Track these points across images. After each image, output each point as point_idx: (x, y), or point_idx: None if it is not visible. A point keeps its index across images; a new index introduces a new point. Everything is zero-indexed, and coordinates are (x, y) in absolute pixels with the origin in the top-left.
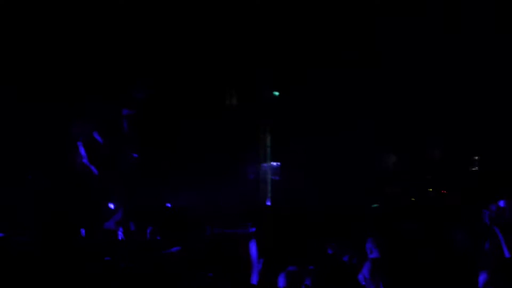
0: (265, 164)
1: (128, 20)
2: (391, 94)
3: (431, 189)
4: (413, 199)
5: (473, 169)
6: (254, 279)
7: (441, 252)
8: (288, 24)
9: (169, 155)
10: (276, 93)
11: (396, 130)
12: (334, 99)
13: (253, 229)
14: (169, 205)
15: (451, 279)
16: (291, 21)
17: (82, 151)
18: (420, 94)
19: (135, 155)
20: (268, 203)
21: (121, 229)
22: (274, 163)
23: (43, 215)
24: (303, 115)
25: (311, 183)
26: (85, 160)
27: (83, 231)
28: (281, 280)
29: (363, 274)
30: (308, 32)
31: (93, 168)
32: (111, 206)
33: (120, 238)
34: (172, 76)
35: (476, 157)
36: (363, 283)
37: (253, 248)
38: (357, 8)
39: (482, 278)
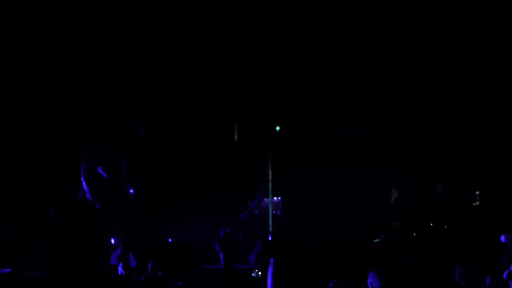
0: (266, 199)
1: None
2: (393, 129)
3: (432, 224)
4: (415, 233)
5: (475, 203)
6: None
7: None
8: (290, 54)
9: (170, 191)
10: (278, 128)
11: (398, 164)
12: (335, 134)
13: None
14: (170, 240)
15: None
16: (291, 50)
17: (85, 186)
18: (421, 129)
19: (132, 190)
20: (270, 238)
21: (121, 264)
22: (275, 198)
23: (57, 250)
24: (304, 150)
25: (312, 217)
26: (88, 196)
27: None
28: None
29: None
30: (311, 62)
31: (95, 203)
32: (112, 241)
33: (120, 273)
34: (172, 111)
35: (478, 192)
36: None
37: (269, 282)
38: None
39: None
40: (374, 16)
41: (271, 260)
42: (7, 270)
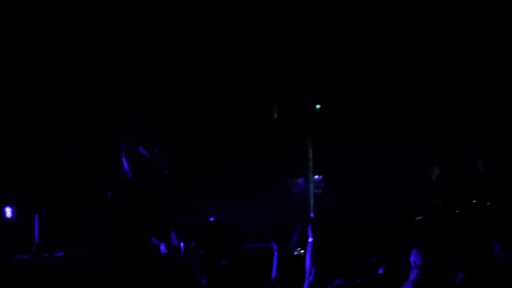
0: (307, 178)
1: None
2: (433, 106)
3: (475, 201)
4: (458, 211)
5: None
6: None
7: (485, 266)
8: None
9: (213, 169)
10: (318, 106)
11: (440, 141)
12: (377, 111)
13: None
14: (212, 219)
15: None
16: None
17: (126, 166)
18: (464, 105)
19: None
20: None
21: (163, 244)
22: (317, 176)
23: (111, 232)
24: (345, 128)
25: (353, 195)
26: (129, 176)
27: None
28: None
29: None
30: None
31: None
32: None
33: (162, 253)
34: (213, 90)
35: None
36: None
37: (307, 260)
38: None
39: None
40: None
41: (310, 239)
42: (61, 253)
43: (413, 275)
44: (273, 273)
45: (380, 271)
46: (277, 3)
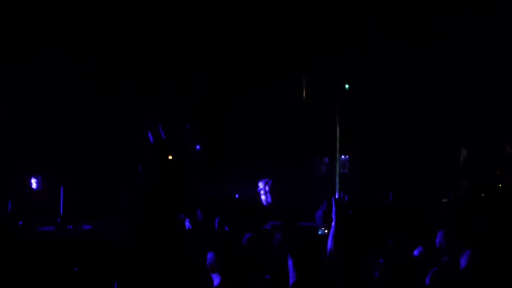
0: (334, 157)
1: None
2: (460, 89)
3: (501, 184)
4: (483, 194)
5: None
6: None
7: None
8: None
9: (238, 147)
10: (347, 86)
11: (467, 124)
12: (403, 93)
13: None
14: (237, 196)
15: None
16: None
17: (151, 140)
18: (490, 90)
19: (198, 147)
20: (337, 197)
21: (188, 219)
22: (343, 156)
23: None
24: (373, 109)
25: (380, 176)
26: (157, 149)
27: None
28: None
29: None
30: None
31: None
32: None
33: (187, 227)
34: (242, 69)
35: None
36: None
37: (329, 242)
38: None
39: None
40: None
41: (333, 222)
42: (89, 226)
43: (439, 257)
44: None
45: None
46: None
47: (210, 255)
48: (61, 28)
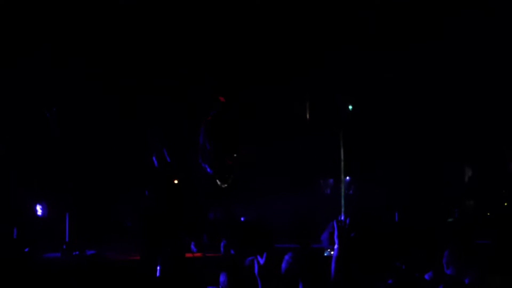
0: (339, 178)
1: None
2: (467, 106)
3: (506, 203)
4: (489, 213)
5: None
6: None
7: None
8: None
9: (246, 169)
10: (350, 107)
11: (472, 143)
12: (408, 112)
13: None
14: (243, 219)
15: None
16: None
17: (156, 164)
18: (494, 109)
19: (209, 170)
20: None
21: (193, 243)
22: (348, 178)
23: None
24: (377, 129)
25: (384, 197)
26: (162, 173)
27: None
28: None
29: None
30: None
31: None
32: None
33: (193, 251)
34: (245, 88)
35: None
36: None
37: (332, 265)
38: None
39: None
40: None
41: (336, 245)
42: (92, 252)
43: (445, 278)
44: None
45: (413, 273)
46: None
47: (222, 278)
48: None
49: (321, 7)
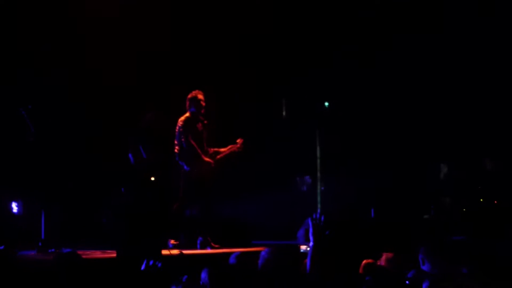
0: (315, 175)
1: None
2: (444, 103)
3: (482, 199)
4: (464, 209)
5: None
6: None
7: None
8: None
9: (219, 168)
10: (327, 104)
11: (448, 140)
12: (385, 108)
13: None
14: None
15: None
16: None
17: (132, 161)
18: (469, 105)
19: (186, 167)
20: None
21: (169, 240)
22: (322, 174)
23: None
24: (354, 125)
25: (360, 193)
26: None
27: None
28: None
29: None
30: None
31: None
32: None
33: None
34: (225, 86)
35: None
36: None
37: (307, 263)
38: None
39: None
40: None
41: (311, 243)
42: (68, 250)
43: (421, 273)
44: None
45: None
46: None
47: (203, 274)
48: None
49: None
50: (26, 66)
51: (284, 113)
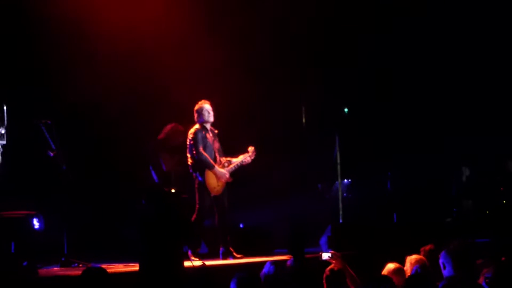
0: (336, 182)
1: None
2: (464, 108)
3: (505, 201)
4: (487, 211)
5: None
6: None
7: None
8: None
9: (243, 175)
10: (346, 110)
11: (470, 143)
12: (405, 114)
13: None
14: (242, 225)
15: None
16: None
17: (153, 174)
18: (491, 108)
19: (200, 179)
20: (340, 221)
21: (190, 250)
22: (346, 180)
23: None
24: (373, 131)
25: (382, 198)
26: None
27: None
28: None
29: None
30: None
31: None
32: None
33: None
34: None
35: None
36: None
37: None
38: None
39: None
40: None
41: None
42: (91, 264)
43: (442, 277)
44: None
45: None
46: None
47: (232, 285)
48: None
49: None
50: (49, 81)
51: (303, 120)
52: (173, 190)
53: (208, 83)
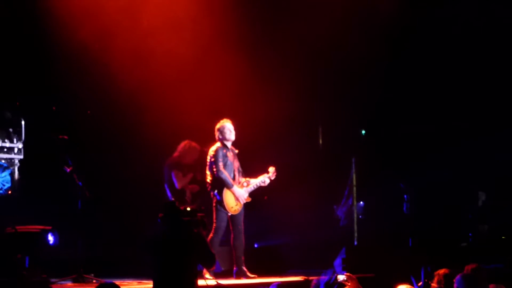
0: (351, 204)
1: None
2: (475, 128)
3: None
4: (504, 237)
5: None
6: None
7: None
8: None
9: (257, 196)
10: (363, 132)
11: (486, 166)
12: (419, 135)
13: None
14: (256, 245)
15: None
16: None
17: (168, 192)
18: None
19: (218, 196)
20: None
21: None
22: (361, 203)
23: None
24: (390, 153)
25: (396, 222)
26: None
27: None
28: None
29: None
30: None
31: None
32: None
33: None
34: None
35: None
36: None
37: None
38: None
39: None
40: None
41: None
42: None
43: None
44: None
45: None
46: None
47: None
48: None
49: None
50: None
51: (320, 141)
52: (188, 208)
53: (222, 100)
